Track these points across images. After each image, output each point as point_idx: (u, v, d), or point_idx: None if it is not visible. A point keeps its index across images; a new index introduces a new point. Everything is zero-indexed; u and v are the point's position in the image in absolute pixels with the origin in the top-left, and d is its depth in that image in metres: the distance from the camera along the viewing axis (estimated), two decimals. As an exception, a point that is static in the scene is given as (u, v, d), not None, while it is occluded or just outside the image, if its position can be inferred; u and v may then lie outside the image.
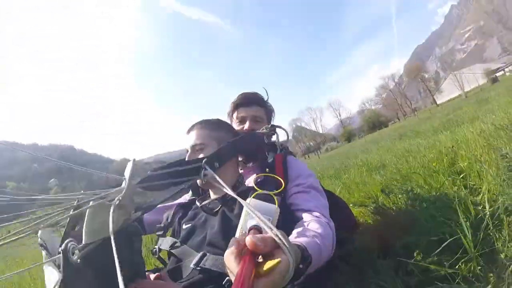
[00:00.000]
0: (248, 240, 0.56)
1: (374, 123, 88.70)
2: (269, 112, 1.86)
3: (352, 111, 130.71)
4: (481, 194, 1.72)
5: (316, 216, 1.11)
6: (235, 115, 1.79)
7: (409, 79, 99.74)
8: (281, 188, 1.22)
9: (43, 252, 1.18)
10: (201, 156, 1.33)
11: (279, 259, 0.56)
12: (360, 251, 1.59)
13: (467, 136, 3.41)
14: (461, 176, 2.12)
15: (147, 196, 1.04)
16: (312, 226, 1.03)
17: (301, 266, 0.76)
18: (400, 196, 2.22)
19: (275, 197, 1.10)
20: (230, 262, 0.57)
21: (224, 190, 0.75)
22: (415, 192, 2.10)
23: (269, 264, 0.55)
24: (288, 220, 1.12)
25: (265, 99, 1.85)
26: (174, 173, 1.00)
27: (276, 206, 0.84)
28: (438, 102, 77.59)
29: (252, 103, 1.78)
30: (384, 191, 2.49)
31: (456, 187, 2.00)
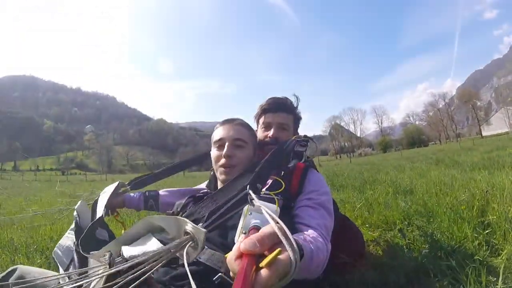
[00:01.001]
0: (242, 246, 0.56)
1: (415, 139, 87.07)
2: (296, 120, 1.85)
3: (395, 121, 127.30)
4: (501, 258, 1.69)
5: (316, 234, 1.09)
6: (261, 120, 1.79)
7: (460, 103, 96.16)
8: (281, 189, 1.21)
9: (73, 224, 1.35)
10: (239, 153, 1.38)
11: (278, 249, 0.56)
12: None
13: (504, 184, 3.29)
14: (486, 232, 2.07)
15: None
16: (311, 236, 1.03)
17: None
18: (418, 237, 2.19)
19: (276, 198, 1.11)
20: (232, 264, 0.58)
21: (267, 216, 0.69)
22: (435, 237, 2.07)
23: (269, 257, 0.54)
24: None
25: (295, 106, 1.84)
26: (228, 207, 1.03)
27: (277, 206, 0.85)
28: (483, 134, 74.87)
29: (280, 110, 1.76)
30: (404, 222, 2.48)
31: (477, 242, 1.96)
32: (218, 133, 1.46)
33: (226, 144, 1.40)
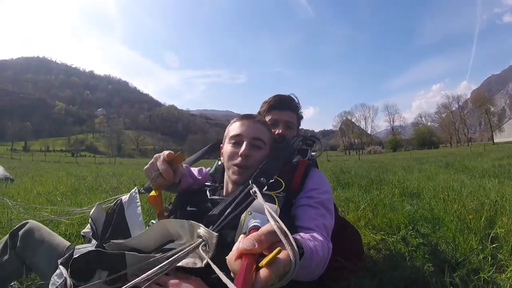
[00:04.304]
0: (240, 246, 0.57)
1: (425, 140, 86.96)
2: (299, 118, 1.86)
3: (407, 121, 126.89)
4: (505, 276, 1.64)
5: (316, 233, 1.06)
6: (267, 117, 1.77)
7: (474, 106, 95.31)
8: (282, 188, 1.18)
9: (87, 228, 1.30)
10: (256, 154, 1.29)
11: (278, 248, 0.56)
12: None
13: (515, 195, 3.21)
14: (492, 246, 1.99)
15: None
16: (311, 234, 1.01)
17: None
18: (422, 245, 2.14)
19: (275, 197, 1.08)
20: (232, 265, 0.58)
21: (267, 215, 0.68)
22: (439, 248, 2.01)
23: (268, 256, 0.55)
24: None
25: (298, 105, 1.84)
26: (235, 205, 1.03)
27: (277, 205, 0.84)
28: (495, 140, 74.40)
29: (287, 108, 1.77)
30: (408, 226, 2.42)
31: (482, 256, 1.88)
32: (236, 128, 1.35)
33: (244, 142, 1.29)
